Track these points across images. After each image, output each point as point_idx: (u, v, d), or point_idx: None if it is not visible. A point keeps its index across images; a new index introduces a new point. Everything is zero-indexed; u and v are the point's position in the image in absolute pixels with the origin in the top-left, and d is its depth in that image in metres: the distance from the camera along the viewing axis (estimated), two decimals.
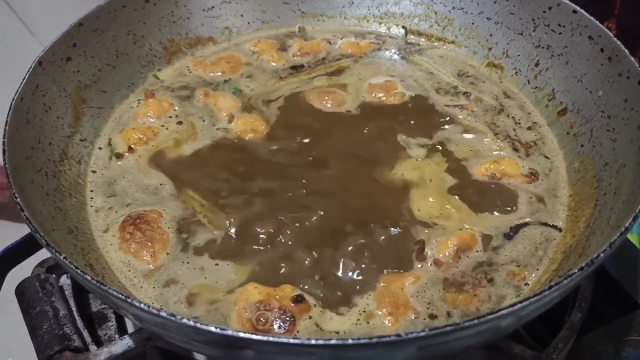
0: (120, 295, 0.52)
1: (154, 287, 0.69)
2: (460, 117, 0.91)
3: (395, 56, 1.03)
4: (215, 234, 0.74)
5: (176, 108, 0.92)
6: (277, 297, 0.66)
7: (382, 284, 0.69)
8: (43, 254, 0.80)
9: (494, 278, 0.70)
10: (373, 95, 0.94)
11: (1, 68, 1.45)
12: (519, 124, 0.89)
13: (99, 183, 0.81)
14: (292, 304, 0.65)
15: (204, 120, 0.90)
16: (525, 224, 0.75)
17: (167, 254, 0.72)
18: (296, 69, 1.00)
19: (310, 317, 0.66)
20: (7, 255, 0.81)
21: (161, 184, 0.80)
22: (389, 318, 0.65)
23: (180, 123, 0.89)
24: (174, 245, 0.73)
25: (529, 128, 0.89)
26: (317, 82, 0.97)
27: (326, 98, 0.93)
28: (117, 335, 0.75)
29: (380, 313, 0.66)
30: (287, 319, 0.64)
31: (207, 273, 0.70)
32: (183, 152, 0.85)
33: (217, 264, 0.71)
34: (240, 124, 0.88)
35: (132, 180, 0.81)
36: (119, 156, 0.83)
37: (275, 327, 0.64)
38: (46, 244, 0.57)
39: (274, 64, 1.00)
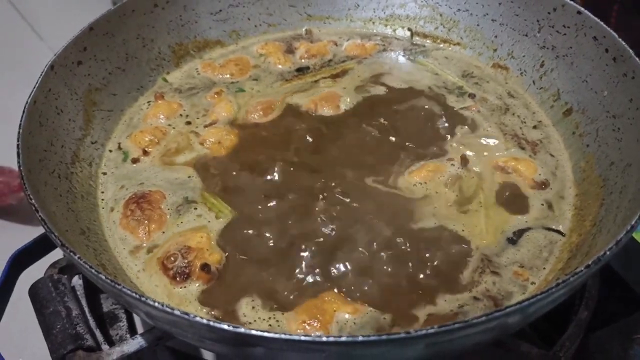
0: (134, 294, 0.53)
1: (135, 264, 0.72)
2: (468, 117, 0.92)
3: (400, 57, 1.04)
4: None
5: (185, 109, 0.93)
6: (199, 254, 0.70)
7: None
8: (53, 256, 0.81)
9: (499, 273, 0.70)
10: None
11: (11, 71, 1.48)
12: (525, 122, 0.90)
13: (112, 180, 0.83)
14: (199, 267, 0.69)
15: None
16: (529, 229, 0.75)
17: (163, 232, 0.75)
18: (302, 71, 1.01)
19: (198, 286, 0.69)
20: (19, 257, 0.82)
21: (189, 177, 0.82)
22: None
23: (189, 123, 0.90)
24: (170, 224, 0.76)
25: (534, 127, 0.89)
26: (322, 84, 0.98)
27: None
28: (128, 335, 0.76)
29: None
30: (184, 273, 0.69)
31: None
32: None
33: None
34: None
35: (159, 174, 0.83)
36: (135, 160, 0.85)
37: (171, 272, 0.70)
38: (61, 244, 0.58)
39: (280, 66, 1.01)
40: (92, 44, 0.88)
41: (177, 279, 0.69)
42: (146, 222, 0.75)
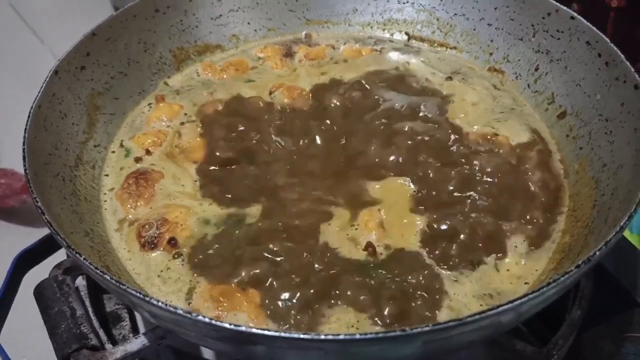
0: (138, 294, 0.55)
1: (123, 247, 0.75)
2: None
3: (390, 55, 1.05)
4: None
5: (187, 111, 0.94)
6: (172, 227, 0.74)
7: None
8: (54, 257, 0.83)
9: None
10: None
11: (12, 75, 1.49)
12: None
13: (114, 171, 0.86)
14: (166, 239, 0.73)
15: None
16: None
17: (151, 208, 0.78)
18: None
19: (159, 255, 0.73)
20: (23, 258, 0.83)
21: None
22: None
23: (182, 124, 0.92)
24: (158, 202, 0.79)
25: (512, 108, 0.93)
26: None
27: None
28: (130, 334, 0.78)
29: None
30: (152, 243, 0.74)
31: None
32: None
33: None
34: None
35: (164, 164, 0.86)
36: (138, 160, 0.86)
37: (142, 240, 0.74)
38: (67, 246, 0.60)
39: (276, 71, 1.03)
40: (95, 49, 0.89)
41: (145, 247, 0.74)
42: (136, 197, 0.79)
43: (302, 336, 0.52)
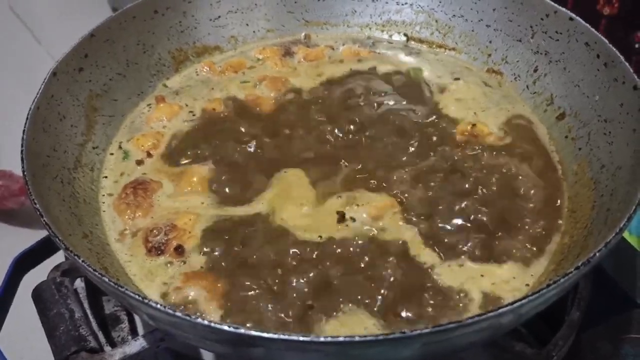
0: (137, 297, 0.55)
1: (125, 253, 0.75)
2: None
3: (390, 57, 1.05)
4: None
5: (191, 109, 0.94)
6: (179, 234, 0.74)
7: None
8: (53, 259, 0.82)
9: None
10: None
11: (10, 76, 1.49)
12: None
13: (113, 174, 0.85)
14: (174, 247, 0.73)
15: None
16: None
17: (152, 218, 0.78)
18: None
19: (163, 260, 0.73)
20: (22, 259, 0.83)
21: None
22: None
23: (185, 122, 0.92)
24: (157, 212, 0.78)
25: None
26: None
27: None
28: (129, 337, 0.77)
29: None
30: (159, 249, 0.74)
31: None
32: None
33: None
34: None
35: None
36: (139, 162, 0.86)
37: (149, 245, 0.74)
38: (65, 248, 0.60)
39: (277, 69, 1.03)
40: (93, 51, 0.89)
41: (152, 252, 0.73)
42: (134, 208, 0.78)
43: (301, 338, 0.52)
